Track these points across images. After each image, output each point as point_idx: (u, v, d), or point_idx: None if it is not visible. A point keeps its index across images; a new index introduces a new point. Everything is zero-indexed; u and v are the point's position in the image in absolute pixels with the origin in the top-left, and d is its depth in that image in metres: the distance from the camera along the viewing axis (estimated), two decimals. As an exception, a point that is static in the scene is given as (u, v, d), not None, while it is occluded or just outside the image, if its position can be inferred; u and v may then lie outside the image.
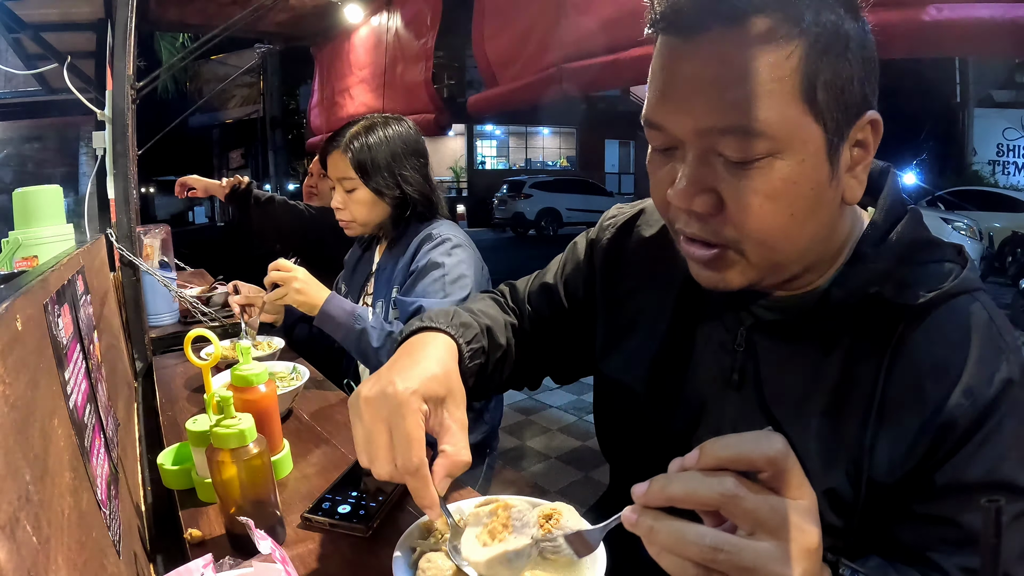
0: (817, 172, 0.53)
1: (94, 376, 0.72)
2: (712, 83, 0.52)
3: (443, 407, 0.62)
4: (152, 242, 1.85)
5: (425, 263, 1.38)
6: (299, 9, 2.94)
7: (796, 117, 0.51)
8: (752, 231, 0.55)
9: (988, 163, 13.35)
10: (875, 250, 0.60)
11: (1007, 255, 8.20)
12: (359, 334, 1.30)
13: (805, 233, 0.56)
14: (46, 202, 1.35)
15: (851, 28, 0.52)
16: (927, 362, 0.57)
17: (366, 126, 1.49)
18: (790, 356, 0.64)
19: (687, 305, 0.73)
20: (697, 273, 0.61)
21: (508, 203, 16.01)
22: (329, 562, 0.72)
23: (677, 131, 0.55)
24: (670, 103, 0.55)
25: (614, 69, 1.53)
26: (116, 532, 0.59)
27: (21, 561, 0.34)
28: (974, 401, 0.54)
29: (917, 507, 0.56)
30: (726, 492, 0.41)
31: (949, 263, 0.61)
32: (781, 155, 0.52)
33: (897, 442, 0.57)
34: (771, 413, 0.64)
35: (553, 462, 3.01)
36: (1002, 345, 0.57)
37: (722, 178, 0.54)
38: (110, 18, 2.04)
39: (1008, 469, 0.53)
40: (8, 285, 0.52)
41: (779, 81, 0.50)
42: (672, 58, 0.54)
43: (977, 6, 0.97)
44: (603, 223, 0.87)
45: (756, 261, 0.57)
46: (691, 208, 0.55)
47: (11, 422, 0.38)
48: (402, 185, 1.47)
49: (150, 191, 15.10)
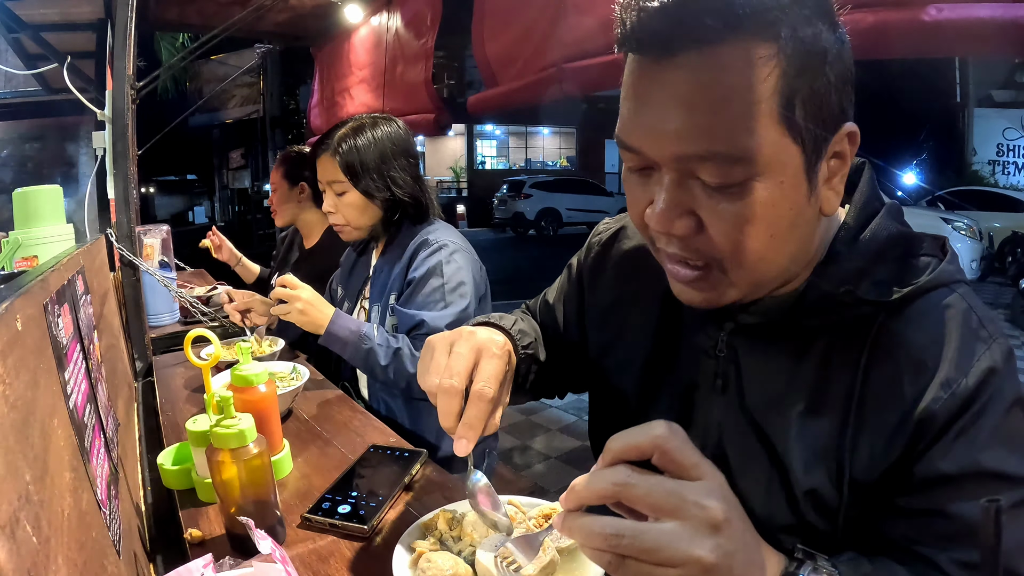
0: (796, 192, 0.52)
1: (94, 376, 0.72)
2: (687, 108, 0.49)
3: (508, 380, 0.66)
4: (152, 242, 1.85)
5: (423, 272, 1.37)
6: (299, 9, 2.94)
7: (775, 140, 0.49)
8: (732, 253, 0.54)
9: (988, 163, 13.33)
10: (849, 249, 0.59)
11: (1007, 255, 8.20)
12: (366, 353, 1.29)
13: (785, 252, 0.56)
14: (46, 202, 1.35)
15: (828, 40, 0.50)
16: (904, 358, 0.56)
17: (354, 127, 1.46)
18: (769, 359, 0.63)
19: (670, 313, 0.73)
20: (680, 292, 0.61)
21: (508, 203, 16.01)
22: (329, 562, 0.72)
23: (653, 155, 0.53)
24: (644, 126, 0.53)
25: (614, 69, 1.53)
26: (116, 532, 0.59)
27: (21, 561, 0.34)
28: (953, 393, 0.54)
29: (901, 501, 0.56)
30: (617, 481, 0.44)
31: (926, 256, 0.60)
32: (760, 178, 0.50)
33: (876, 439, 0.57)
34: (752, 416, 0.64)
35: (553, 462, 3.01)
36: (983, 335, 0.56)
37: (700, 201, 0.52)
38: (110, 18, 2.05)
39: (993, 458, 0.53)
40: (8, 285, 0.52)
41: (756, 104, 0.48)
42: (644, 80, 0.52)
43: (977, 6, 0.97)
44: (591, 240, 0.88)
45: (737, 280, 0.57)
46: (671, 232, 0.54)
47: (11, 422, 0.38)
48: (391, 187, 1.44)
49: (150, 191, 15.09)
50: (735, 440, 0.65)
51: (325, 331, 1.30)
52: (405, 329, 1.34)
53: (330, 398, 1.27)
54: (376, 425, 1.12)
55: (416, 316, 1.32)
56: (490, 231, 16.44)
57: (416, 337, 1.32)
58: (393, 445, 1.00)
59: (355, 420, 1.14)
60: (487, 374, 0.59)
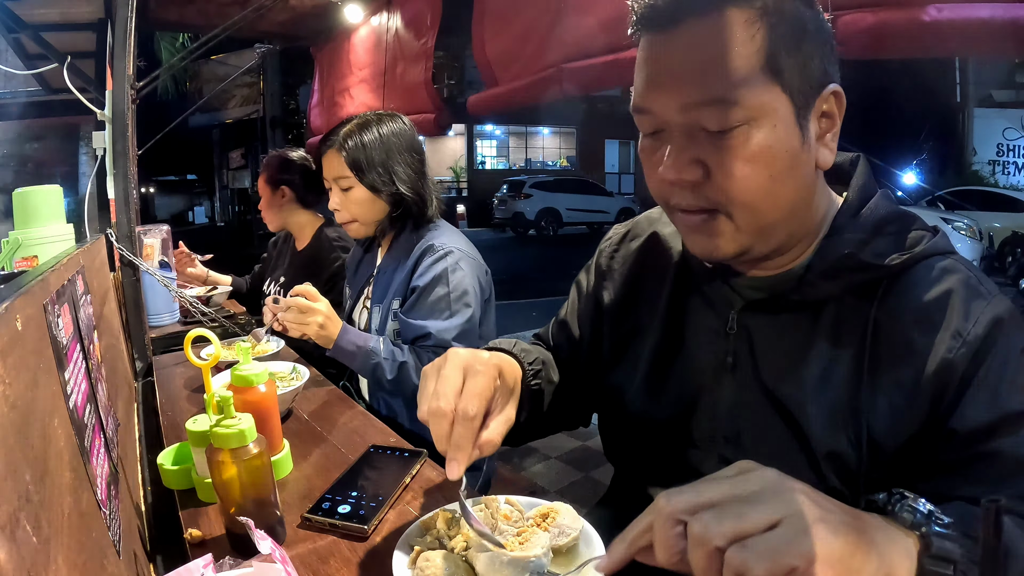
0: (789, 137, 0.59)
1: (94, 376, 0.72)
2: (691, 65, 0.58)
3: (505, 395, 0.67)
4: (152, 242, 1.85)
5: (429, 280, 1.36)
6: (299, 9, 2.94)
7: (765, 89, 0.58)
8: (737, 193, 0.60)
9: (988, 163, 13.33)
10: (851, 222, 0.65)
11: (1007, 255, 8.20)
12: (373, 367, 1.29)
13: (785, 194, 0.61)
14: (46, 202, 1.35)
15: (807, 14, 0.60)
16: (911, 316, 0.61)
17: (360, 123, 1.46)
18: (781, 331, 0.67)
19: (677, 299, 0.77)
20: (692, 243, 0.66)
21: (508, 203, 16.01)
22: (329, 562, 0.72)
23: (663, 111, 0.61)
24: (655, 89, 0.61)
25: (614, 69, 1.53)
26: (116, 532, 0.59)
27: (21, 561, 0.34)
28: (964, 341, 0.58)
29: (944, 456, 0.58)
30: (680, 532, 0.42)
31: (919, 231, 0.66)
32: (756, 123, 0.58)
33: (895, 397, 0.60)
34: (768, 388, 0.67)
35: (553, 462, 3.01)
36: (983, 291, 0.61)
37: (705, 149, 0.60)
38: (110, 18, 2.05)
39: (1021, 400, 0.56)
40: (8, 285, 0.52)
41: (747, 58, 0.57)
42: (654, 50, 0.61)
43: (977, 6, 0.97)
44: (600, 247, 0.91)
45: (744, 225, 0.62)
46: (681, 178, 0.61)
47: (11, 422, 0.38)
48: (396, 182, 1.44)
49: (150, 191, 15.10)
50: (749, 415, 0.68)
51: (333, 345, 1.31)
52: (410, 337, 1.34)
53: (330, 398, 1.27)
54: (376, 425, 1.12)
55: (423, 327, 1.32)
56: (490, 231, 16.43)
57: (422, 347, 1.32)
58: (393, 445, 1.00)
59: (355, 420, 1.14)
60: (469, 392, 0.61)
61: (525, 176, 17.17)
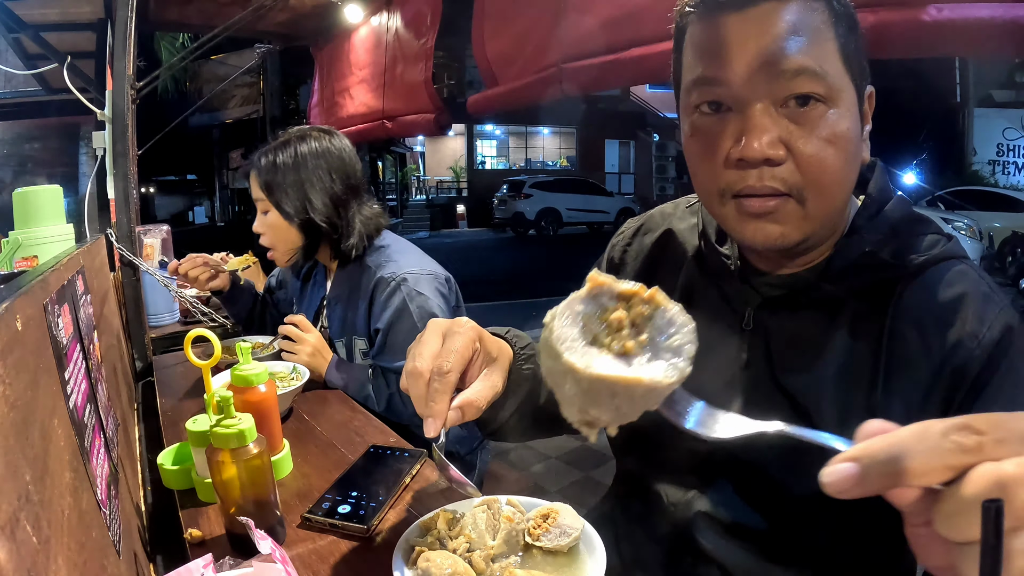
0: (855, 125, 0.61)
1: (94, 376, 0.72)
2: (778, 36, 0.58)
3: (488, 363, 0.65)
4: (152, 242, 1.85)
5: (390, 319, 1.31)
6: (299, 9, 2.94)
7: (840, 72, 0.59)
8: (817, 175, 0.59)
9: (988, 163, 13.33)
10: (870, 223, 0.66)
11: (1007, 255, 8.19)
12: (364, 399, 1.30)
13: (849, 183, 0.63)
14: (46, 202, 1.35)
15: (854, 12, 0.62)
16: (926, 317, 0.62)
17: (281, 142, 1.36)
18: (798, 328, 0.68)
19: (691, 294, 0.77)
20: (754, 231, 0.63)
21: (508, 203, 16.02)
22: (329, 562, 0.72)
23: (746, 86, 0.59)
24: (733, 60, 0.59)
25: (614, 69, 1.53)
26: (116, 532, 0.59)
27: (21, 561, 0.34)
28: (979, 342, 0.59)
29: None
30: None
31: (935, 235, 0.67)
32: (834, 103, 0.59)
33: (911, 395, 0.61)
34: (782, 385, 0.67)
35: (553, 462, 3.01)
36: (995, 298, 0.62)
37: (787, 129, 0.59)
38: (110, 18, 2.05)
39: None
40: (8, 285, 0.52)
41: (826, 41, 0.59)
42: (727, 28, 0.60)
43: (977, 6, 0.97)
44: (613, 241, 0.91)
45: (813, 211, 0.61)
46: (766, 155, 0.59)
47: (11, 422, 0.38)
48: (308, 209, 1.32)
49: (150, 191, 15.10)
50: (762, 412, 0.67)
51: (325, 378, 1.31)
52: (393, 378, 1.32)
53: (330, 398, 1.27)
54: (376, 425, 1.12)
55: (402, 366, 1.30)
56: (490, 231, 16.44)
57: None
58: (393, 445, 1.00)
59: (355, 420, 1.15)
60: (447, 350, 0.59)
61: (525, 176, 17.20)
